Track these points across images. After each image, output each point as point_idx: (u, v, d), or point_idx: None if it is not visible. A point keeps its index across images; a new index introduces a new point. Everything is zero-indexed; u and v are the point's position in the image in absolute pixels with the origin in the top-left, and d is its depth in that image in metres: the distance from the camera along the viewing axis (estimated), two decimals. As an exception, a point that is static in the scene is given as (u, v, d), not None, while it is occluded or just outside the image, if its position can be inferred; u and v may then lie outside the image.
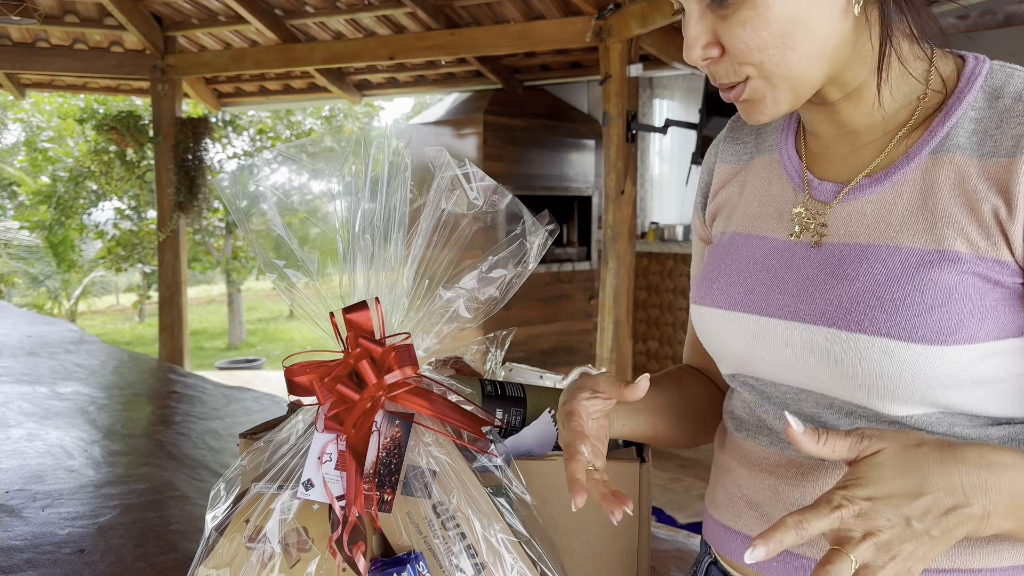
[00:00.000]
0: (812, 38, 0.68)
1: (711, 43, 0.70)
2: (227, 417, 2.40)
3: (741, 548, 0.81)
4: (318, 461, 0.77)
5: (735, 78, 0.71)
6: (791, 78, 0.70)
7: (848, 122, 0.76)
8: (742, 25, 0.67)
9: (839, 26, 0.69)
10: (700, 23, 0.70)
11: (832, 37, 0.69)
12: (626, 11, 4.66)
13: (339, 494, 0.75)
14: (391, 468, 0.76)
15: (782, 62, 0.69)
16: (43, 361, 3.17)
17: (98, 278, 13.24)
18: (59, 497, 1.72)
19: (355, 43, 5.93)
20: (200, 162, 6.55)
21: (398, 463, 0.77)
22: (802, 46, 0.68)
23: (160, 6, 6.06)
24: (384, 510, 0.75)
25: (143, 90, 7.20)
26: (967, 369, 0.66)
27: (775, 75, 0.70)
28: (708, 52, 0.70)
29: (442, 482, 0.77)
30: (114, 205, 10.60)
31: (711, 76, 0.73)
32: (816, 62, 0.69)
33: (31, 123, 13.18)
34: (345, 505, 0.75)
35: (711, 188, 0.91)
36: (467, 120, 6.38)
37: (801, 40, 0.68)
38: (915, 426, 0.70)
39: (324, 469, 0.76)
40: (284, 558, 0.75)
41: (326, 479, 0.76)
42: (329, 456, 0.77)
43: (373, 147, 0.84)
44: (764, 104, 0.72)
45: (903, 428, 0.70)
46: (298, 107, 11.55)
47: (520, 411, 1.01)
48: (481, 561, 0.74)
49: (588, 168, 6.95)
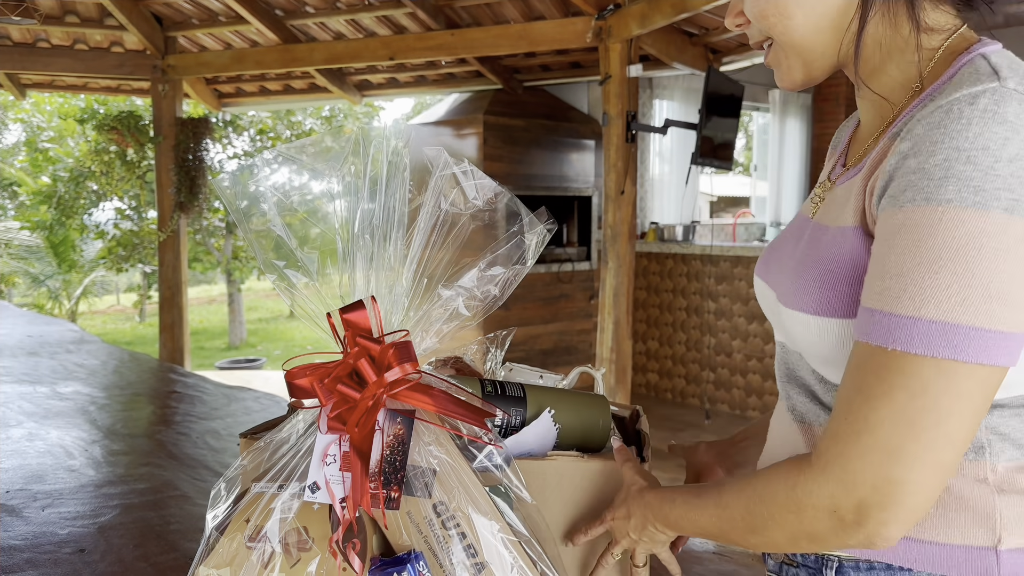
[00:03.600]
0: (803, 11, 0.75)
1: (739, 12, 0.81)
2: (227, 417, 2.40)
3: None
4: (322, 463, 0.77)
5: (758, 38, 0.81)
6: (796, 47, 0.77)
7: (869, 108, 0.80)
8: None
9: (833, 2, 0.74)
10: None
11: (828, 12, 0.74)
12: (626, 11, 4.66)
13: (342, 495, 0.75)
14: (396, 465, 0.76)
15: (784, 31, 0.76)
16: (43, 361, 3.17)
17: (98, 278, 13.24)
18: (59, 497, 1.72)
19: (355, 43, 5.93)
20: (200, 162, 6.55)
21: (403, 460, 0.77)
22: (796, 17, 0.75)
23: (160, 6, 6.06)
24: (392, 507, 0.75)
25: (143, 90, 7.20)
26: None
27: (783, 43, 0.78)
28: (736, 20, 0.81)
29: (442, 482, 0.77)
30: (114, 205, 10.60)
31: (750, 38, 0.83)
32: (815, 34, 0.76)
33: (31, 123, 13.18)
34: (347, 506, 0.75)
35: None
36: (467, 120, 6.38)
37: (793, 12, 0.75)
38: None
39: (328, 471, 0.76)
40: (284, 558, 0.75)
41: (329, 480, 0.76)
42: (333, 457, 0.77)
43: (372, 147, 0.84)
44: (781, 70, 0.80)
45: None
46: (298, 107, 11.54)
47: (520, 411, 1.02)
48: (481, 561, 0.74)
49: (588, 168, 6.95)
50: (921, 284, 0.62)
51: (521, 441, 0.96)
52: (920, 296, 0.62)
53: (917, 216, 0.63)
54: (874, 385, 0.64)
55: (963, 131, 0.62)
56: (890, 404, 0.63)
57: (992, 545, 0.70)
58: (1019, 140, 0.61)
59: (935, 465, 0.63)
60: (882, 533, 0.65)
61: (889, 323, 0.63)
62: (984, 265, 0.60)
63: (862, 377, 0.65)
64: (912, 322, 0.62)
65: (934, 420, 0.62)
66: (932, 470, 0.63)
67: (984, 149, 0.61)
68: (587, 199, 7.01)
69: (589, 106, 7.02)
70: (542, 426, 0.99)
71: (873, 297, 0.66)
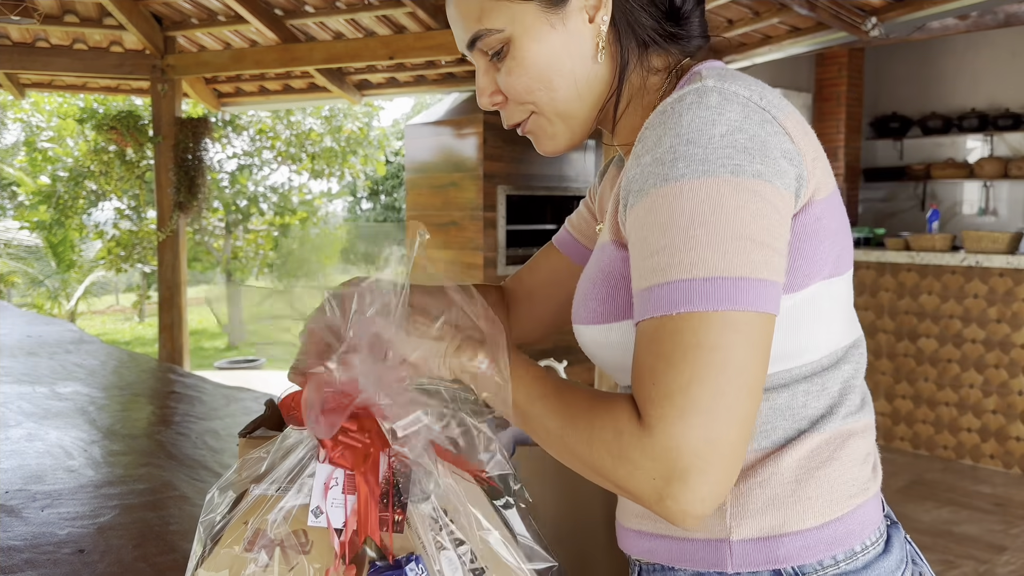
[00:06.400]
0: (567, 82, 0.81)
1: (495, 91, 0.84)
2: (227, 417, 2.40)
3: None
4: (324, 487, 0.74)
5: (521, 117, 0.85)
6: (561, 115, 0.83)
7: (619, 137, 0.88)
8: (509, 74, 0.81)
9: (590, 72, 0.81)
10: (485, 76, 0.84)
11: (586, 81, 0.81)
12: (626, 11, 4.65)
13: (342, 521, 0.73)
14: (399, 488, 0.75)
15: (550, 102, 0.82)
16: (43, 361, 3.17)
17: (98, 278, 13.23)
18: (59, 497, 1.72)
19: (355, 43, 5.93)
20: (200, 162, 6.54)
21: (405, 484, 0.75)
22: (561, 89, 0.81)
23: (160, 6, 6.06)
24: (398, 531, 0.74)
25: (143, 90, 7.20)
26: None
27: (548, 112, 0.83)
28: (494, 99, 0.85)
29: (439, 485, 0.77)
30: (114, 205, 10.59)
31: (503, 119, 0.87)
32: (579, 103, 0.82)
33: (31, 123, 13.17)
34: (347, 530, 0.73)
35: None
36: (467, 120, 6.37)
37: (559, 84, 0.81)
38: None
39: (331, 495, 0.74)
40: (283, 561, 0.75)
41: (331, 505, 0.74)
42: (336, 481, 0.75)
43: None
44: (544, 137, 0.86)
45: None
46: (298, 107, 11.54)
47: None
48: (480, 566, 0.74)
49: (588, 168, 6.95)
50: (684, 250, 0.67)
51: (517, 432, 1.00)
52: (687, 260, 0.67)
53: (659, 196, 0.69)
54: (672, 351, 0.66)
55: (678, 121, 0.70)
56: (692, 364, 0.65)
57: (725, 536, 0.75)
58: (724, 121, 0.69)
59: (744, 420, 0.66)
60: (694, 507, 0.65)
61: (668, 292, 0.67)
62: (729, 219, 0.67)
63: (658, 346, 0.68)
64: (688, 284, 0.66)
65: (734, 373, 0.65)
66: (742, 426, 0.66)
67: (699, 131, 0.69)
68: (587, 199, 7.01)
69: (589, 106, 7.02)
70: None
71: (645, 277, 0.70)
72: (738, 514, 0.75)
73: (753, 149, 0.69)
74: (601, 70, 0.81)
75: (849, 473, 0.77)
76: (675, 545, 0.78)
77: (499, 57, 0.81)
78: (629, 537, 0.85)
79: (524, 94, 0.82)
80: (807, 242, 0.73)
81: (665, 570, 0.80)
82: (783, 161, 0.70)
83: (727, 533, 0.75)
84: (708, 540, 0.76)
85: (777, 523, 0.74)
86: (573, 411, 0.71)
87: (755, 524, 0.75)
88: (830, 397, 0.78)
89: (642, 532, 0.82)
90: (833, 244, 0.75)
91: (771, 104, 0.73)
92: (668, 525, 0.79)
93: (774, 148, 0.70)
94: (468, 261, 6.43)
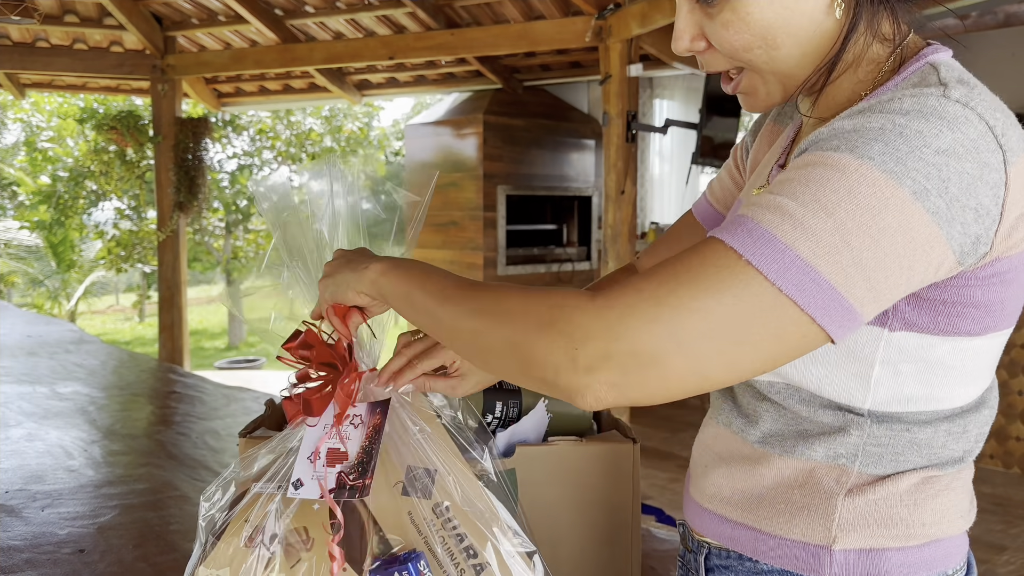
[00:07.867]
0: (793, 40, 0.71)
1: (697, 36, 0.74)
2: (227, 417, 2.40)
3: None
4: (308, 460, 0.77)
5: (724, 67, 0.76)
6: (779, 74, 0.73)
7: (819, 110, 0.79)
8: (725, 27, 0.71)
9: (820, 28, 0.71)
10: (688, 17, 0.74)
11: (813, 39, 0.71)
12: (626, 11, 4.65)
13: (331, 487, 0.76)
14: (371, 454, 0.78)
15: (769, 60, 0.72)
16: (43, 361, 3.17)
17: (98, 278, 13.23)
18: (59, 497, 1.72)
19: (355, 43, 5.93)
20: (200, 162, 6.55)
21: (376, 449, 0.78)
22: (785, 47, 0.71)
23: (160, 6, 6.06)
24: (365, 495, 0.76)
25: (143, 90, 7.20)
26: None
27: (765, 71, 0.73)
28: (694, 45, 0.75)
29: (441, 482, 0.77)
30: (114, 205, 10.59)
31: (702, 65, 0.77)
32: (800, 61, 0.72)
33: (31, 123, 13.17)
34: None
35: None
36: (467, 120, 6.37)
37: (783, 42, 0.71)
38: (761, 390, 0.78)
39: (317, 469, 0.76)
40: (284, 558, 0.75)
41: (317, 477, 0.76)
42: (320, 455, 0.77)
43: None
44: (758, 96, 0.76)
45: (755, 391, 0.78)
46: (298, 107, 11.54)
47: (517, 403, 1.09)
48: (481, 562, 0.74)
49: (588, 168, 6.95)
50: (808, 218, 0.60)
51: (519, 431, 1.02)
52: (801, 228, 0.60)
53: (836, 159, 0.62)
54: (710, 276, 0.60)
55: (904, 112, 0.62)
56: (715, 299, 0.59)
57: (827, 544, 0.74)
58: (951, 136, 0.61)
59: (703, 374, 0.61)
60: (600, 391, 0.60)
61: (758, 236, 0.61)
62: (870, 235, 0.60)
63: (700, 262, 0.61)
64: (783, 250, 0.60)
65: (738, 337, 0.60)
66: (697, 377, 0.61)
67: (919, 132, 0.61)
68: (587, 199, 7.01)
69: (589, 106, 7.02)
70: (538, 415, 1.05)
71: (755, 209, 0.63)
72: (846, 525, 0.74)
73: (951, 184, 0.61)
74: (832, 25, 0.70)
75: (960, 501, 0.77)
76: (763, 539, 0.77)
77: (710, 2, 0.71)
78: (706, 519, 0.82)
79: (741, 51, 0.72)
80: (996, 290, 0.68)
81: (744, 560, 0.78)
82: (971, 214, 0.62)
83: (830, 541, 0.74)
84: (806, 543, 0.75)
85: (885, 538, 0.73)
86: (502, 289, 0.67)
87: (862, 536, 0.74)
88: (968, 442, 0.76)
89: (725, 518, 0.80)
90: (1021, 295, 0.71)
91: (1009, 142, 0.64)
92: (757, 516, 0.77)
93: (974, 196, 0.62)
94: (468, 261, 6.43)
